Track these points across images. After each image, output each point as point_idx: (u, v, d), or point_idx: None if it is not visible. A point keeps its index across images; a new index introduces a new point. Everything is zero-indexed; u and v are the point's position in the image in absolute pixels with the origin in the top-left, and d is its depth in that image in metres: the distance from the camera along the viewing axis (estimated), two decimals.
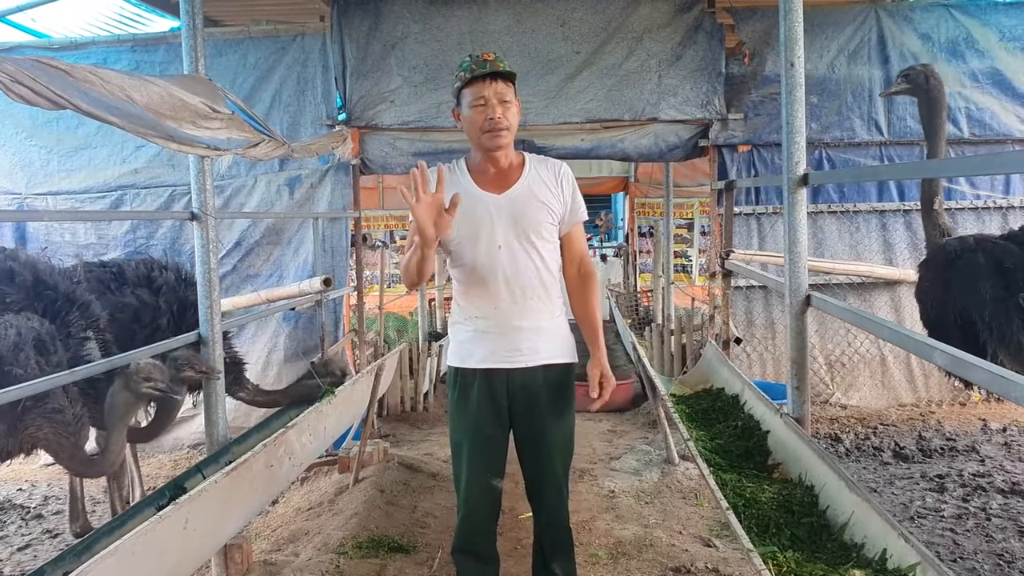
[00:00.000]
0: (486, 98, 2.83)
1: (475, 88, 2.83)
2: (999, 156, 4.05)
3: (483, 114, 2.83)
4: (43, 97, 2.86)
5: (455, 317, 3.04)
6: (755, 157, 6.91)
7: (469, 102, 2.85)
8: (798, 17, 3.74)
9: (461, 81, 2.86)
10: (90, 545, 3.16)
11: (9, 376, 3.49)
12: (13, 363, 3.54)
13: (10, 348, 3.56)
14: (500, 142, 2.87)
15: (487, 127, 2.83)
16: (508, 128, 2.87)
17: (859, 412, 7.00)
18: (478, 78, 2.83)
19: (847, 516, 2.74)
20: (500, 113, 2.83)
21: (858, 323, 3.71)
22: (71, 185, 7.27)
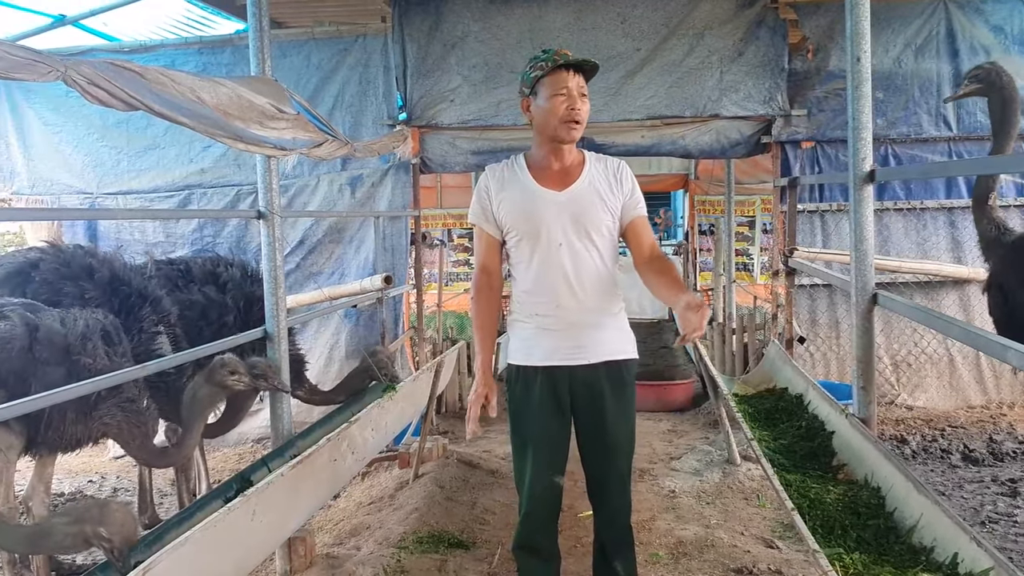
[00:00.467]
0: (569, 89, 2.83)
1: (558, 78, 2.84)
2: None
3: (565, 104, 2.83)
4: (118, 99, 2.94)
5: (515, 315, 3.04)
6: (819, 153, 6.80)
7: (549, 92, 2.85)
8: (865, 12, 3.68)
9: (542, 70, 2.85)
10: (160, 535, 3.23)
11: (79, 366, 3.60)
12: (81, 353, 3.65)
13: (79, 339, 3.66)
14: (575, 134, 2.88)
15: (567, 117, 2.84)
16: (582, 123, 2.88)
17: (926, 414, 6.85)
18: (562, 68, 2.84)
19: (915, 519, 2.70)
20: (580, 105, 2.85)
21: (928, 322, 3.64)
22: (140, 185, 7.46)
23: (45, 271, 4.33)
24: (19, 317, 3.58)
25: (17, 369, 3.45)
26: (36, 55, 2.60)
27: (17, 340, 3.50)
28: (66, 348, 3.61)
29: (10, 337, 3.49)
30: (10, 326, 3.53)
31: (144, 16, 7.71)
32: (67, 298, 4.20)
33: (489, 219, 3.01)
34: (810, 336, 6.86)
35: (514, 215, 2.93)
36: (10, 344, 3.48)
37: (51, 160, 7.59)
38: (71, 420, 3.66)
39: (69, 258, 4.45)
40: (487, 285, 3.06)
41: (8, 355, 3.46)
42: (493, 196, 3.00)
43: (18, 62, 2.55)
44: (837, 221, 6.80)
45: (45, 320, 3.62)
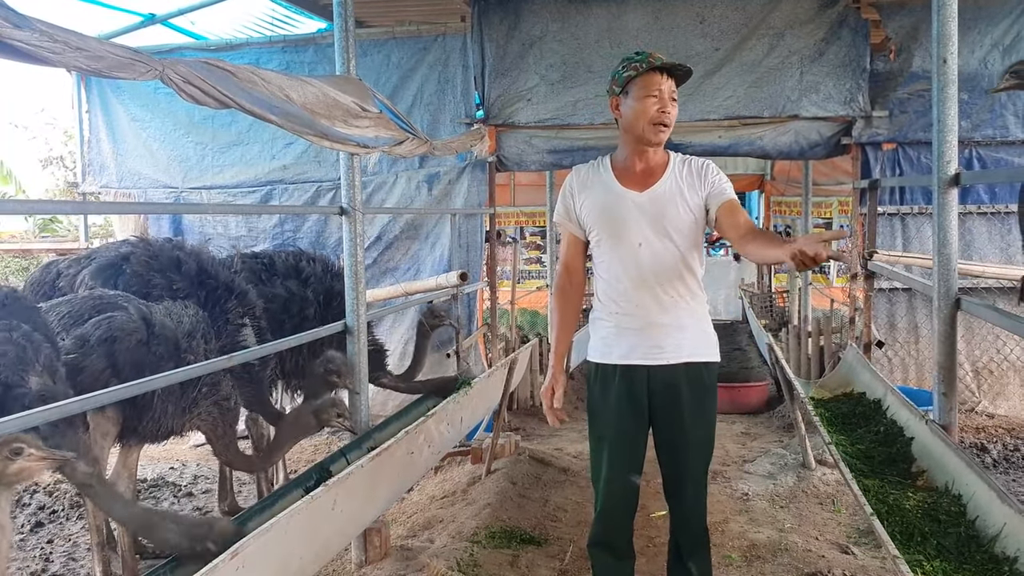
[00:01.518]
0: (661, 91, 2.87)
1: (651, 79, 2.87)
2: None
3: (656, 105, 2.86)
4: (211, 97, 3.05)
5: (596, 312, 3.08)
6: (900, 156, 6.68)
7: (641, 92, 2.88)
8: (952, 12, 3.62)
9: (636, 71, 2.88)
10: (243, 522, 3.34)
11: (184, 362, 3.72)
12: (188, 350, 3.78)
13: (186, 334, 3.80)
14: (662, 137, 2.91)
15: (657, 119, 2.86)
16: (670, 125, 2.91)
17: (1008, 422, 6.68)
18: (656, 70, 2.87)
19: (998, 528, 2.66)
20: (670, 108, 2.88)
21: (1016, 329, 3.57)
22: (224, 180, 7.67)
23: (135, 264, 4.48)
24: (136, 310, 3.70)
25: (134, 361, 3.57)
26: (136, 55, 2.71)
27: (137, 333, 3.62)
28: (176, 343, 3.74)
29: (131, 329, 3.62)
30: (129, 318, 3.66)
31: (230, 15, 7.91)
32: (156, 289, 4.32)
33: (572, 219, 3.06)
34: (888, 341, 6.74)
35: (595, 215, 2.97)
36: (130, 336, 3.61)
37: (138, 155, 7.86)
38: (170, 413, 3.79)
39: (157, 251, 4.59)
40: (568, 282, 3.13)
41: (127, 346, 3.58)
42: (576, 196, 3.04)
43: (120, 61, 2.66)
44: (918, 224, 6.66)
45: (157, 315, 3.75)
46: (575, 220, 3.05)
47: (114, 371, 3.53)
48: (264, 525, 2.69)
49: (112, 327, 3.58)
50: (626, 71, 2.90)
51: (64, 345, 3.52)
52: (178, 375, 3.30)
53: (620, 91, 2.94)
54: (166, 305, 4.01)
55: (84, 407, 2.94)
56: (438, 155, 6.03)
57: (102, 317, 3.63)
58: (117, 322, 3.60)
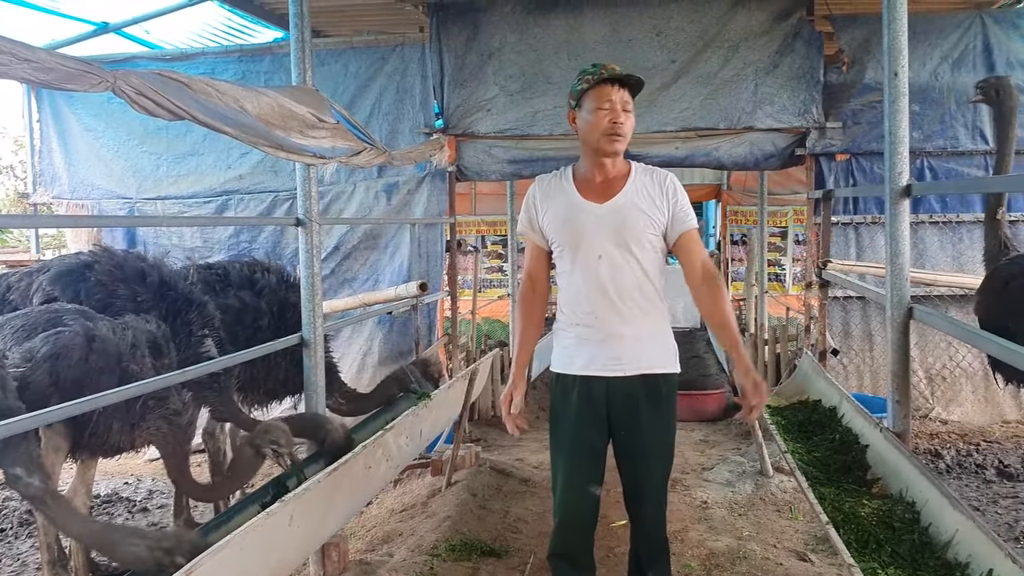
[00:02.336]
0: (612, 102, 2.88)
1: (602, 91, 2.89)
2: None
3: (607, 116, 2.88)
4: (164, 109, 3.02)
5: (559, 323, 3.09)
6: (853, 166, 6.78)
7: (593, 105, 2.90)
8: (902, 26, 3.69)
9: (588, 84, 2.90)
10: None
11: (126, 375, 3.67)
12: (131, 361, 3.71)
13: (129, 347, 3.73)
14: (617, 147, 2.92)
15: (608, 129, 2.88)
16: (625, 136, 2.92)
17: (960, 428, 6.80)
18: (606, 82, 2.88)
19: (950, 534, 2.69)
20: (623, 119, 2.89)
21: (966, 338, 3.63)
22: (179, 190, 7.58)
23: (100, 273, 4.38)
24: (80, 325, 3.64)
25: (75, 377, 3.51)
26: (87, 66, 2.67)
27: (77, 349, 3.56)
28: (118, 357, 3.68)
29: (71, 346, 3.56)
30: (71, 334, 3.59)
31: (185, 24, 7.85)
32: (120, 300, 4.24)
33: (535, 229, 3.07)
34: (843, 348, 6.83)
35: (556, 226, 2.98)
36: (71, 353, 3.54)
37: (91, 165, 7.74)
38: (116, 428, 3.73)
39: (122, 261, 4.51)
40: (531, 292, 3.15)
41: (68, 363, 3.52)
42: (539, 206, 3.05)
43: (70, 73, 2.62)
44: (872, 234, 6.77)
45: (101, 329, 3.68)
46: (538, 230, 3.06)
47: (57, 388, 3.47)
48: (219, 542, 2.65)
49: (57, 343, 3.51)
50: (580, 84, 2.93)
51: (12, 359, 3.46)
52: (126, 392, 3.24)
53: (576, 104, 2.97)
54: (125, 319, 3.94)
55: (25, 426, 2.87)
56: (397, 165, 6.02)
57: (51, 332, 3.57)
58: (63, 338, 3.54)
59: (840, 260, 6.31)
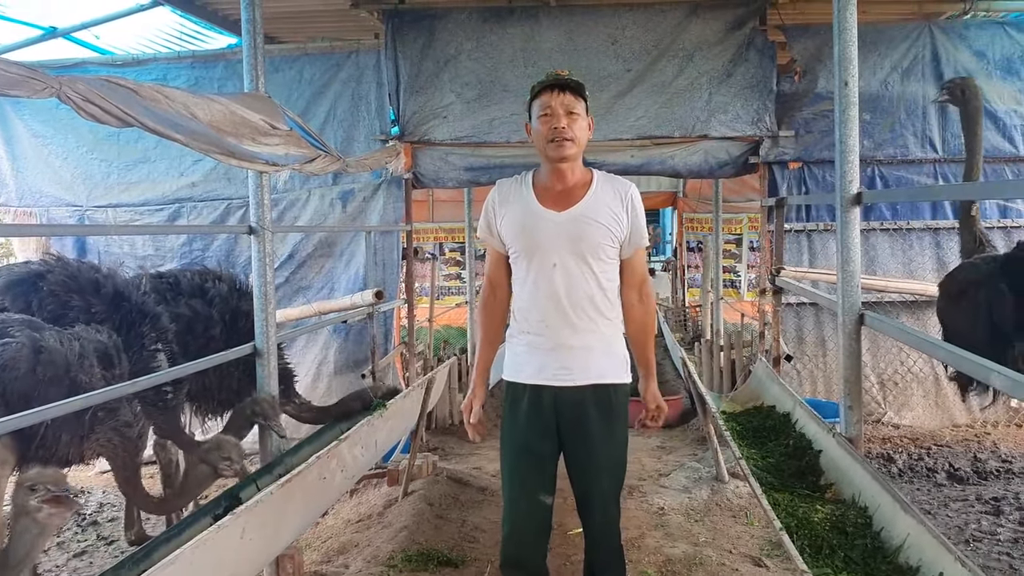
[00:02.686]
0: (552, 108, 2.87)
1: (543, 99, 2.89)
2: None
3: (548, 124, 2.87)
4: (112, 115, 2.95)
5: (511, 330, 3.07)
6: (806, 174, 6.87)
7: (537, 112, 2.90)
8: (852, 37, 3.73)
9: (531, 94, 2.92)
10: (148, 553, 3.22)
11: (75, 386, 3.59)
12: (79, 372, 3.64)
13: (77, 358, 3.66)
14: (563, 152, 2.89)
15: (551, 136, 2.87)
16: (573, 139, 2.88)
17: (912, 432, 6.90)
18: (546, 89, 2.88)
19: (902, 539, 2.72)
20: (565, 123, 2.86)
21: (914, 344, 3.68)
22: (130, 198, 7.46)
23: (53, 283, 4.28)
24: (27, 337, 3.56)
25: (21, 389, 3.45)
26: (31, 72, 2.60)
27: (23, 361, 3.48)
28: (66, 368, 3.60)
29: (17, 358, 3.48)
30: (18, 346, 3.52)
31: (136, 30, 7.72)
32: (73, 311, 4.16)
33: (494, 234, 3.05)
34: (797, 354, 6.90)
35: (513, 232, 2.96)
36: (17, 365, 3.47)
37: (40, 172, 7.58)
38: (65, 440, 3.65)
39: (76, 271, 4.41)
40: (492, 297, 3.14)
41: (15, 375, 3.45)
42: (497, 211, 3.03)
43: (13, 79, 2.56)
44: (824, 241, 6.85)
45: (48, 340, 3.61)
46: (496, 235, 3.04)
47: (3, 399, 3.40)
48: (168, 558, 2.60)
49: (4, 355, 3.44)
50: (529, 96, 2.95)
51: None
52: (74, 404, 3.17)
53: (529, 116, 2.99)
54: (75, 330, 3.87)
55: None
56: (352, 172, 5.98)
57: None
58: (9, 350, 3.46)
59: (793, 267, 6.38)
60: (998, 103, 6.78)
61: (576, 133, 2.89)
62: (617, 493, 3.06)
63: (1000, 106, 6.78)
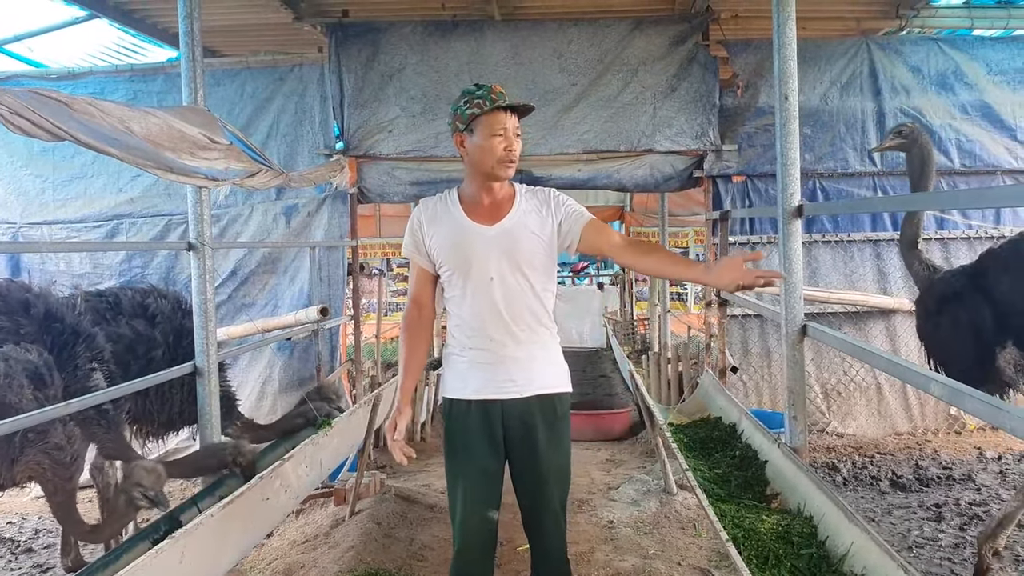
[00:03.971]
0: (507, 129, 2.86)
1: (496, 118, 2.86)
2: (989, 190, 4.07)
3: (503, 144, 2.86)
4: (42, 129, 2.87)
5: (450, 347, 3.04)
6: (749, 187, 6.96)
7: (487, 131, 2.86)
8: (792, 52, 3.79)
9: (480, 109, 2.86)
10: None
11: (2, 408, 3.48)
12: (6, 393, 3.53)
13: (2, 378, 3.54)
14: (511, 172, 2.92)
15: (505, 158, 2.86)
16: (515, 162, 2.92)
17: (856, 441, 7.00)
18: (500, 109, 2.86)
19: (846, 547, 2.74)
20: (516, 146, 2.89)
21: (855, 354, 3.73)
22: (67, 214, 7.29)
23: None
24: None
25: None
26: None
27: None
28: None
29: None
30: None
31: (73, 42, 7.57)
32: (1, 333, 4.05)
33: (421, 253, 3.01)
34: (743, 365, 6.97)
35: (445, 250, 2.94)
36: None
37: None
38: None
39: (4, 292, 4.29)
40: (417, 316, 3.08)
41: None
42: (425, 230, 3.00)
43: None
44: (768, 253, 6.93)
45: None
46: (424, 253, 3.01)
47: None
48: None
49: None
50: (469, 108, 2.87)
51: None
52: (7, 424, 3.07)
53: (465, 128, 2.91)
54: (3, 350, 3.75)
55: None
56: (295, 187, 5.90)
57: None
58: None
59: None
60: (933, 118, 6.94)
61: (518, 155, 2.93)
62: (564, 504, 3.05)
63: (935, 120, 6.94)
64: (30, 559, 5.56)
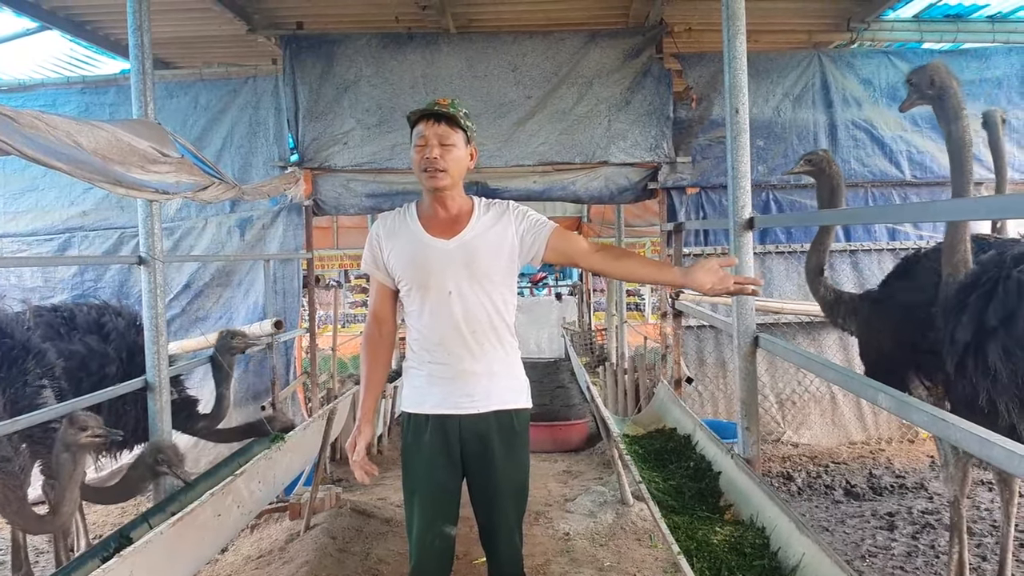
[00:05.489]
0: (426, 138, 2.83)
1: (419, 128, 2.85)
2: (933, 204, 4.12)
3: (421, 153, 2.84)
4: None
5: (409, 361, 3.02)
6: (703, 199, 7.02)
7: (413, 143, 2.87)
8: (742, 65, 3.83)
9: (409, 122, 2.88)
10: None
11: None
12: None
13: None
14: (436, 183, 2.85)
15: (423, 166, 2.83)
16: (446, 170, 2.84)
17: (810, 450, 7.07)
18: (423, 118, 2.85)
19: (798, 558, 2.76)
20: (438, 154, 2.82)
21: (805, 365, 3.76)
22: (17, 227, 7.18)
23: None
24: None
25: None
26: None
27: None
28: None
29: None
30: None
31: (24, 54, 7.44)
32: None
33: (380, 268, 3.00)
34: (698, 376, 7.02)
35: (403, 264, 2.92)
36: None
37: None
38: None
39: None
40: (377, 332, 3.06)
41: None
42: (383, 245, 2.98)
43: None
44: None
45: None
46: (383, 268, 2.99)
47: None
48: None
49: None
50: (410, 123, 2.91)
51: None
52: None
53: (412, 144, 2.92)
54: None
55: None
56: (249, 199, 5.86)
57: None
58: None
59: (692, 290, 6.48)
60: (884, 130, 7.06)
61: (449, 164, 2.84)
62: (521, 520, 3.04)
63: (887, 132, 7.06)
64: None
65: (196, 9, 6.24)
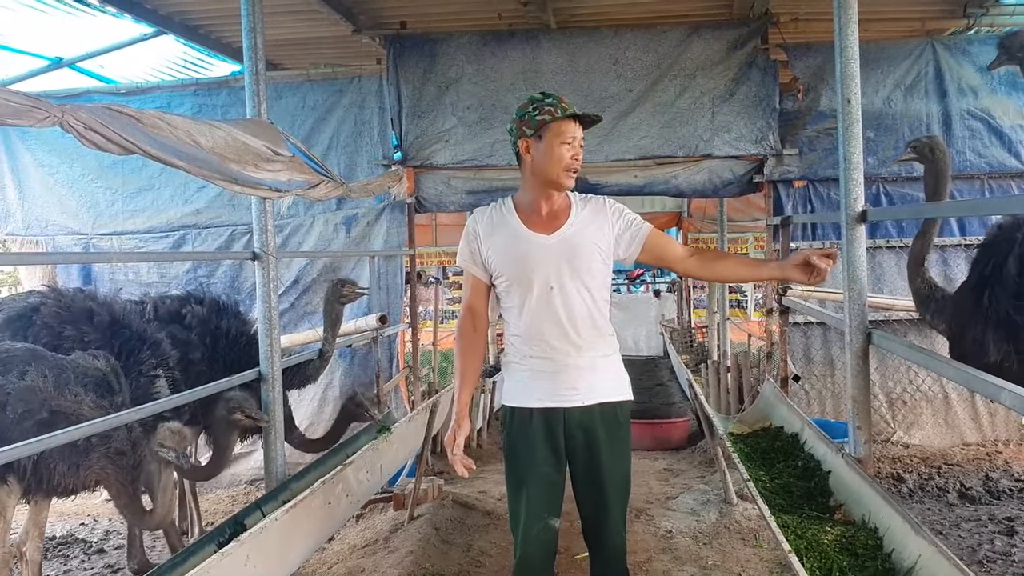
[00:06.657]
0: (576, 138, 2.89)
1: (566, 126, 2.88)
2: None
3: (570, 152, 2.88)
4: (114, 143, 2.96)
5: (510, 356, 3.04)
6: (811, 192, 6.86)
7: (556, 139, 2.87)
8: (854, 55, 3.72)
9: (551, 116, 2.87)
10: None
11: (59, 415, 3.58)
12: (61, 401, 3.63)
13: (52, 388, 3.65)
14: (572, 183, 2.94)
15: (571, 166, 2.89)
16: (579, 172, 2.95)
17: (922, 451, 6.84)
18: (571, 118, 2.88)
19: (913, 560, 2.68)
20: (580, 156, 2.92)
21: (923, 363, 3.64)
22: (135, 225, 7.49)
23: (46, 315, 4.35)
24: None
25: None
26: (33, 101, 2.61)
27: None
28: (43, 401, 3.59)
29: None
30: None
31: (141, 58, 7.77)
32: (67, 342, 4.20)
33: (477, 262, 3.02)
34: (805, 374, 6.86)
35: (504, 260, 2.94)
36: None
37: (46, 201, 7.63)
38: (61, 470, 3.65)
39: (69, 302, 4.46)
40: (471, 327, 3.08)
41: None
42: (482, 240, 3.00)
43: (16, 108, 2.56)
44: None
45: (13, 374, 3.61)
46: (480, 263, 3.02)
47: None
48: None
49: None
50: (539, 114, 2.87)
51: None
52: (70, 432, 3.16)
53: (532, 134, 2.91)
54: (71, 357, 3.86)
55: None
56: (355, 197, 5.98)
57: None
58: None
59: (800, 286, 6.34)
60: (1003, 119, 6.77)
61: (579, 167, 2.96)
62: (624, 513, 3.04)
63: (1005, 121, 6.77)
64: (102, 559, 5.72)
65: (304, 12, 6.40)
